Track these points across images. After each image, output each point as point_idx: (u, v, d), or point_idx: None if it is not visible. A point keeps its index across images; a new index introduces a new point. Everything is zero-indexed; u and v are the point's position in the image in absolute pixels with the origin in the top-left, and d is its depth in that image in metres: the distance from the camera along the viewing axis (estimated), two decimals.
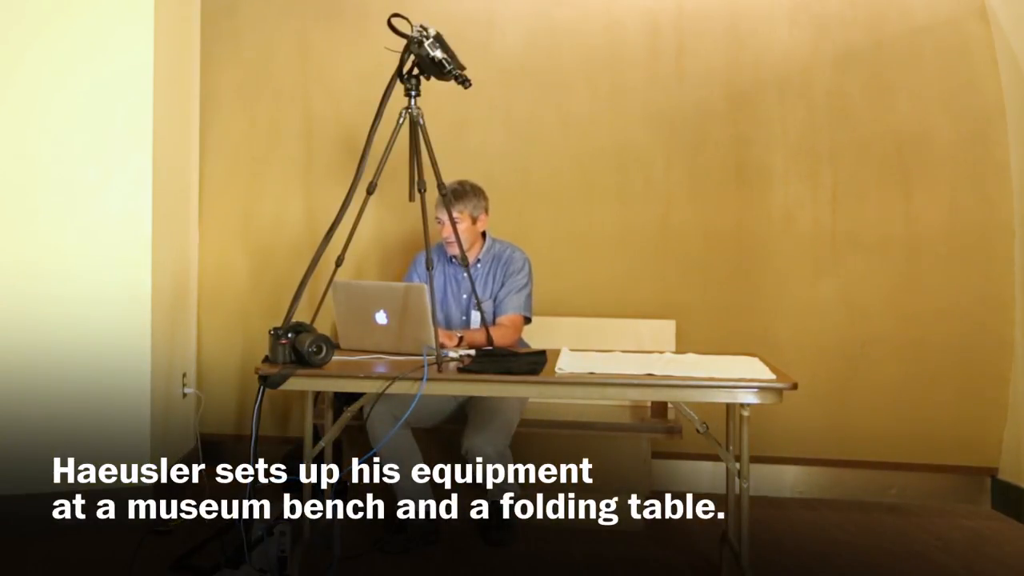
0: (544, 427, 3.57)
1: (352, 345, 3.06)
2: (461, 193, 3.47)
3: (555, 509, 3.60)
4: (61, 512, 3.40)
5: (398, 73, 3.10)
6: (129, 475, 3.51)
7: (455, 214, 3.38)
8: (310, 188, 4.29)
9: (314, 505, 3.05)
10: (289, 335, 2.80)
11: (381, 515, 3.61)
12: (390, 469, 3.34)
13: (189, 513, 3.58)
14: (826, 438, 4.12)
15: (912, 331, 4.07)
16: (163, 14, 3.56)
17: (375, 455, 3.21)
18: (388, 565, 3.20)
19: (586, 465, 3.60)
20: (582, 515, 3.60)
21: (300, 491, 3.00)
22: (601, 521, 3.59)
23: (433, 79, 3.11)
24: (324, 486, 3.21)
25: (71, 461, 3.43)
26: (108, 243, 3.47)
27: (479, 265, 3.53)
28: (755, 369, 2.84)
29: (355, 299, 3.05)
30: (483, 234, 3.57)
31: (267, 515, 2.94)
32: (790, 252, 4.15)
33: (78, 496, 3.43)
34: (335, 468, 3.27)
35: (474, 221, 3.49)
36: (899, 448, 4.08)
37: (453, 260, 3.46)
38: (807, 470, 4.12)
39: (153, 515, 3.53)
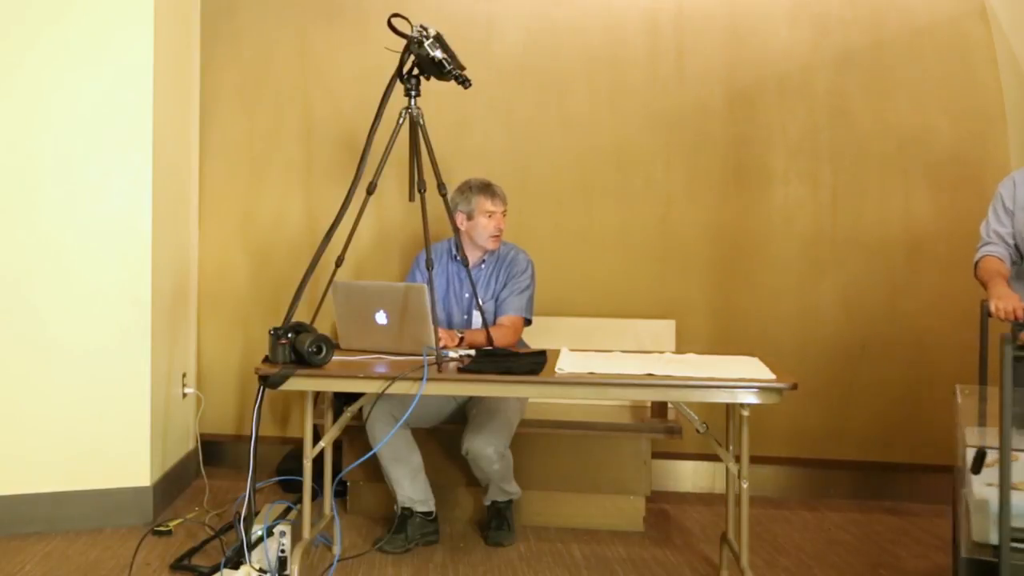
0: (544, 427, 3.58)
1: (352, 345, 3.06)
2: (497, 187, 3.50)
3: (555, 509, 3.62)
4: (61, 512, 3.42)
5: (398, 73, 3.10)
6: (129, 475, 3.51)
7: (504, 207, 3.48)
8: (310, 188, 4.29)
9: (314, 505, 3.05)
10: (289, 335, 2.80)
11: (381, 515, 3.63)
12: (390, 469, 3.34)
13: (189, 513, 3.60)
14: (826, 438, 4.12)
15: (912, 331, 4.07)
16: (163, 14, 3.57)
17: (375, 455, 3.22)
18: (388, 565, 3.20)
19: (586, 465, 3.61)
20: (582, 515, 3.62)
21: (300, 491, 2.99)
22: (601, 521, 3.60)
23: (433, 79, 3.12)
24: (324, 486, 3.21)
25: (71, 461, 3.45)
26: (108, 243, 3.47)
27: (483, 265, 3.53)
28: (755, 369, 2.84)
29: (355, 299, 3.05)
30: None
31: (267, 515, 2.94)
32: (790, 252, 4.15)
33: (78, 496, 3.44)
34: (335, 468, 3.28)
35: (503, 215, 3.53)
36: (899, 448, 4.08)
37: (456, 259, 3.47)
38: (807, 470, 4.12)
39: (153, 515, 3.54)
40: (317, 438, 3.00)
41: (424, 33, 3.01)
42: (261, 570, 2.87)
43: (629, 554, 3.35)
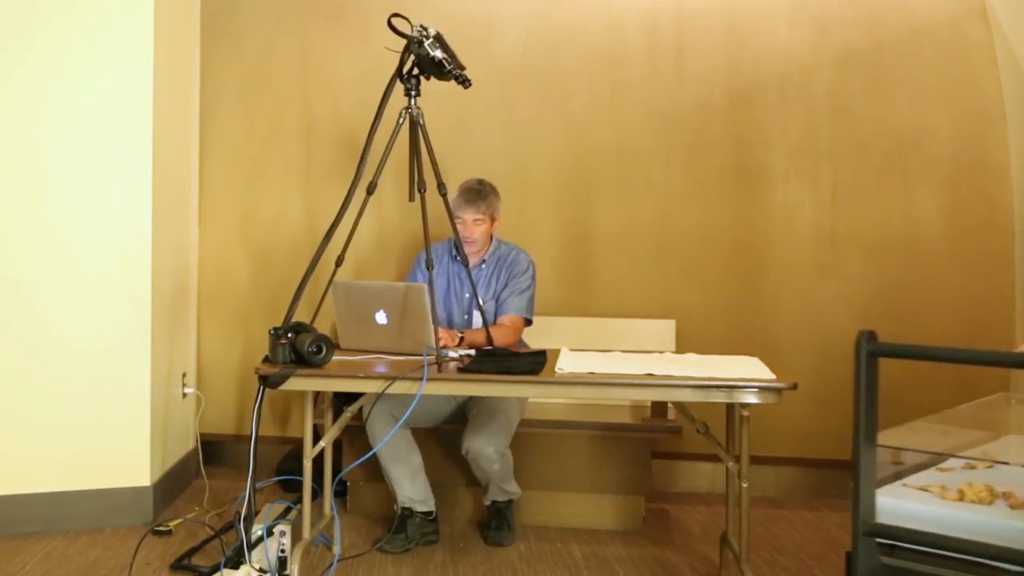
0: (544, 427, 3.58)
1: (352, 345, 3.06)
2: (484, 193, 3.47)
3: (555, 509, 3.62)
4: (61, 512, 3.42)
5: (398, 73, 3.10)
6: (129, 475, 3.51)
7: (480, 215, 3.42)
8: (310, 188, 4.29)
9: (314, 505, 3.05)
10: (289, 335, 2.80)
11: (381, 515, 3.63)
12: (390, 469, 3.34)
13: (189, 513, 3.60)
14: (826, 438, 4.12)
15: (912, 331, 4.06)
16: (163, 14, 3.57)
17: (375, 455, 3.22)
18: (388, 565, 3.20)
19: (586, 465, 3.61)
20: (582, 515, 3.61)
21: (300, 491, 2.99)
22: (601, 521, 3.60)
23: (433, 79, 3.12)
24: (324, 486, 3.21)
25: (71, 461, 3.45)
26: (108, 243, 3.47)
27: (484, 266, 3.53)
28: (755, 369, 2.84)
29: (355, 299, 3.05)
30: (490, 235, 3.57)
31: (267, 515, 2.94)
32: (790, 252, 4.15)
33: (78, 496, 3.44)
34: (335, 468, 3.28)
35: (492, 221, 3.49)
36: None
37: (456, 259, 3.46)
38: (807, 470, 4.12)
39: (153, 515, 3.54)
40: (317, 438, 3.00)
41: (424, 33, 3.01)
42: (261, 570, 2.87)
43: (629, 554, 3.35)
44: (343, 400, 3.13)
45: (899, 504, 2.11)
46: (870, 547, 2.04)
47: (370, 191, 3.13)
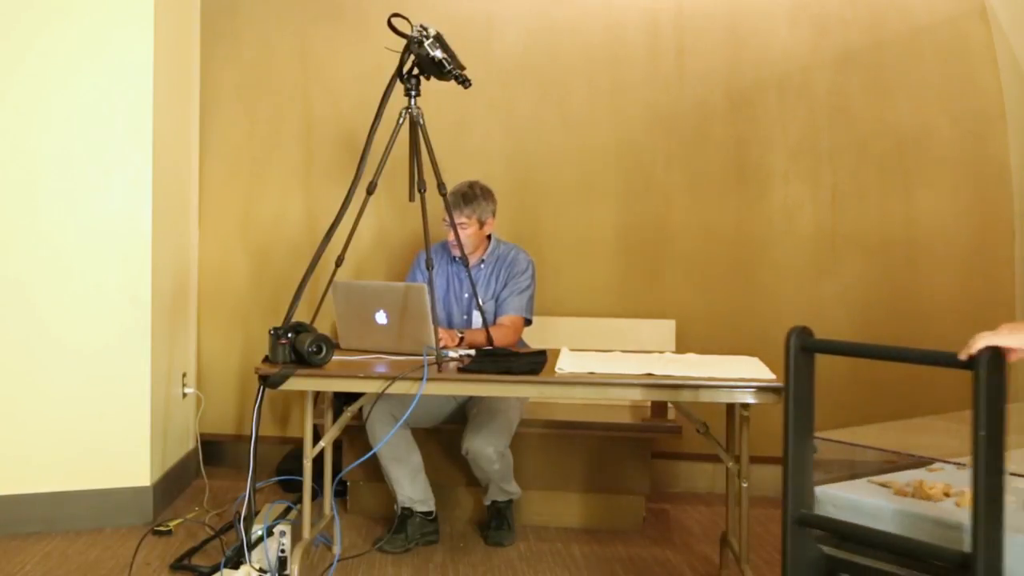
0: (544, 427, 3.58)
1: (352, 345, 3.06)
2: (471, 197, 3.45)
3: (555, 509, 3.62)
4: (61, 512, 3.42)
5: (398, 73, 3.10)
6: (129, 475, 3.51)
7: (463, 219, 3.39)
8: (310, 188, 4.29)
9: (314, 505, 3.05)
10: (289, 335, 2.80)
11: (381, 515, 3.63)
12: (390, 469, 3.34)
13: (189, 513, 3.61)
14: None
15: (911, 331, 4.06)
16: (163, 14, 3.56)
17: (375, 455, 3.22)
18: (388, 565, 3.20)
19: (586, 465, 3.61)
20: (582, 515, 3.62)
21: (300, 491, 2.99)
22: (601, 521, 3.60)
23: (433, 79, 3.12)
24: (324, 486, 3.21)
25: (71, 461, 3.45)
26: (108, 243, 3.47)
27: (483, 266, 3.53)
28: (755, 369, 2.84)
29: (355, 299, 3.05)
30: (488, 236, 3.56)
31: (267, 515, 2.94)
32: (790, 252, 4.15)
33: (78, 496, 3.44)
34: (335, 468, 3.28)
35: (481, 225, 3.47)
36: None
37: (456, 259, 3.46)
38: None
39: (153, 515, 3.55)
40: (317, 438, 3.00)
41: (424, 33, 3.01)
42: (261, 570, 2.87)
43: (629, 554, 3.35)
44: (343, 400, 3.12)
45: (841, 496, 2.15)
46: (800, 536, 2.07)
47: (370, 191, 3.13)
